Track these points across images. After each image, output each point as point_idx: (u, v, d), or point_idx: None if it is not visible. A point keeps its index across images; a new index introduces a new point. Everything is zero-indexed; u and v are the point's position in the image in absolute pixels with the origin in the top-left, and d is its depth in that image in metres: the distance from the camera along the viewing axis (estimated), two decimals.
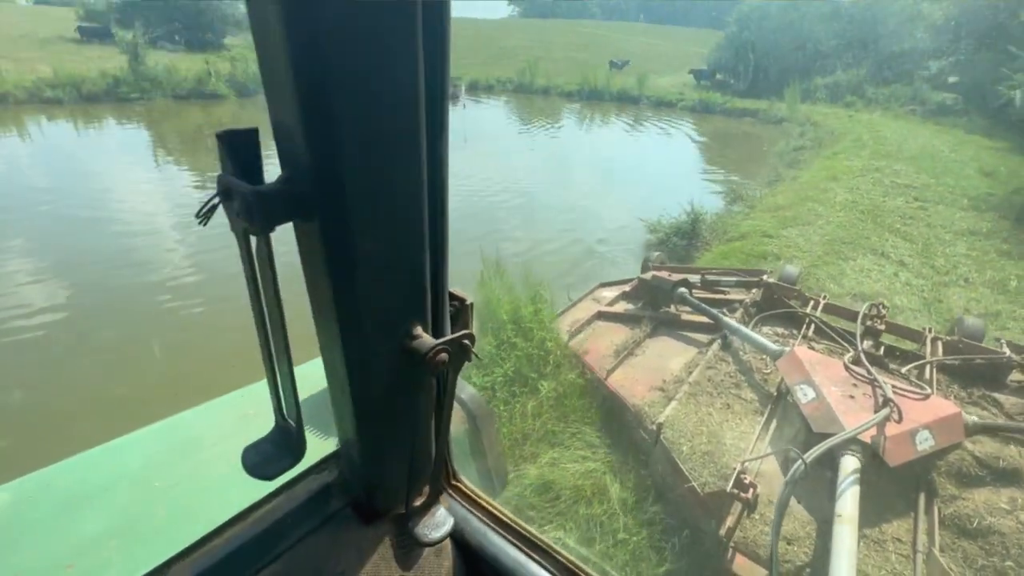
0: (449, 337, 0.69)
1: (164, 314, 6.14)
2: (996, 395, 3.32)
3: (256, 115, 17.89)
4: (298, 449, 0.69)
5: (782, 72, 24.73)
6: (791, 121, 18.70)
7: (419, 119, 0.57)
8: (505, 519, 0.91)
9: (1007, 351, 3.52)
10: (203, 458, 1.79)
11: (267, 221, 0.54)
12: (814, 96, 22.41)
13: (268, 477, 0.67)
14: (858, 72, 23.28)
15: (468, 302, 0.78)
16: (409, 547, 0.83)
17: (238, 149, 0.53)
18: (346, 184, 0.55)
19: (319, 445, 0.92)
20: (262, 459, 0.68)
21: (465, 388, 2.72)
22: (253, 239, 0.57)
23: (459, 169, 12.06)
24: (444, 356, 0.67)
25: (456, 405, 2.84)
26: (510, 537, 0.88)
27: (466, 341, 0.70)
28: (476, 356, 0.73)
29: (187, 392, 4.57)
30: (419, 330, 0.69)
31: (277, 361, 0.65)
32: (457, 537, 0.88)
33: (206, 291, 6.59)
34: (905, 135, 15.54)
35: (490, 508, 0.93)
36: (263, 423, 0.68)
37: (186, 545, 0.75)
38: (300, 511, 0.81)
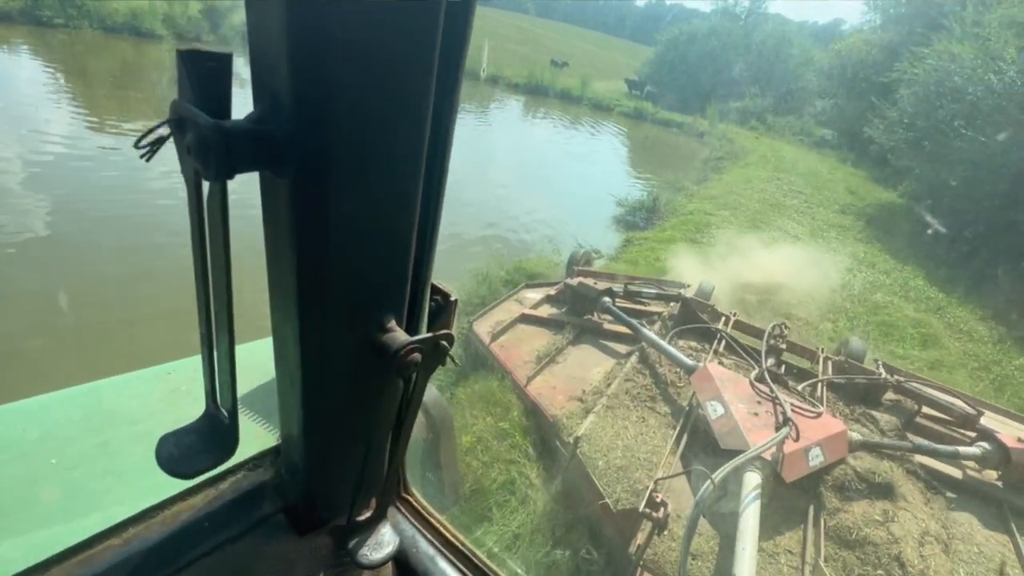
0: (425, 335, 0.57)
1: None
2: (873, 412, 3.52)
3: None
4: (228, 444, 0.57)
5: (703, 92, 26.23)
6: (711, 135, 20.45)
7: (430, 81, 0.47)
8: (457, 543, 0.78)
9: (882, 372, 3.75)
10: (117, 436, 1.44)
11: (226, 165, 0.42)
12: (727, 117, 24.04)
13: (186, 475, 0.56)
14: (763, 102, 25.32)
15: (452, 298, 0.66)
16: (345, 566, 0.71)
17: (203, 74, 0.41)
18: (334, 135, 0.44)
19: (260, 436, 0.74)
20: (181, 452, 0.55)
21: (429, 390, 2.33)
22: (206, 185, 0.45)
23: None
24: (416, 356, 0.56)
25: None
26: (460, 565, 0.75)
27: (443, 342, 0.58)
28: (452, 360, 0.61)
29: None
30: (392, 323, 0.58)
31: (217, 337, 0.54)
32: (401, 559, 0.75)
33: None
34: (797, 157, 18.51)
35: (441, 529, 0.79)
36: (197, 404, 0.57)
37: (77, 541, 0.60)
38: (224, 511, 0.68)
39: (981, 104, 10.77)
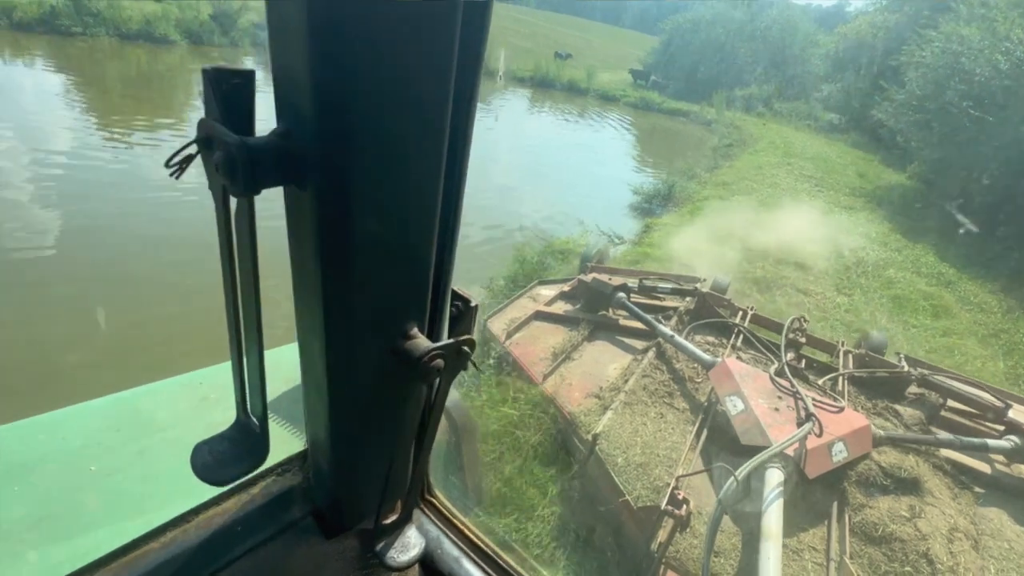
0: (447, 341, 0.57)
1: None
2: (896, 406, 3.38)
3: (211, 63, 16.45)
4: (259, 452, 0.57)
5: (708, 81, 25.57)
6: (718, 123, 19.99)
7: (448, 88, 0.46)
8: (481, 544, 0.77)
9: (904, 365, 3.60)
10: (151, 443, 1.49)
11: (252, 181, 0.42)
12: (733, 105, 23.44)
13: (220, 482, 0.56)
14: (768, 88, 24.61)
15: (473, 304, 0.66)
16: (373, 569, 0.71)
17: (228, 91, 0.41)
18: (356, 149, 0.43)
19: (287, 441, 0.72)
20: (215, 460, 0.55)
21: (450, 395, 2.31)
22: (233, 200, 0.46)
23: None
24: (439, 362, 0.55)
25: None
26: (485, 566, 0.75)
27: (465, 348, 0.58)
28: (475, 365, 0.61)
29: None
30: (415, 330, 0.58)
31: (246, 348, 0.54)
32: (427, 561, 0.74)
33: None
34: (805, 142, 18.07)
35: (465, 530, 0.79)
36: (225, 411, 0.57)
37: (118, 545, 0.61)
38: (255, 515, 0.69)
39: (989, 85, 10.68)
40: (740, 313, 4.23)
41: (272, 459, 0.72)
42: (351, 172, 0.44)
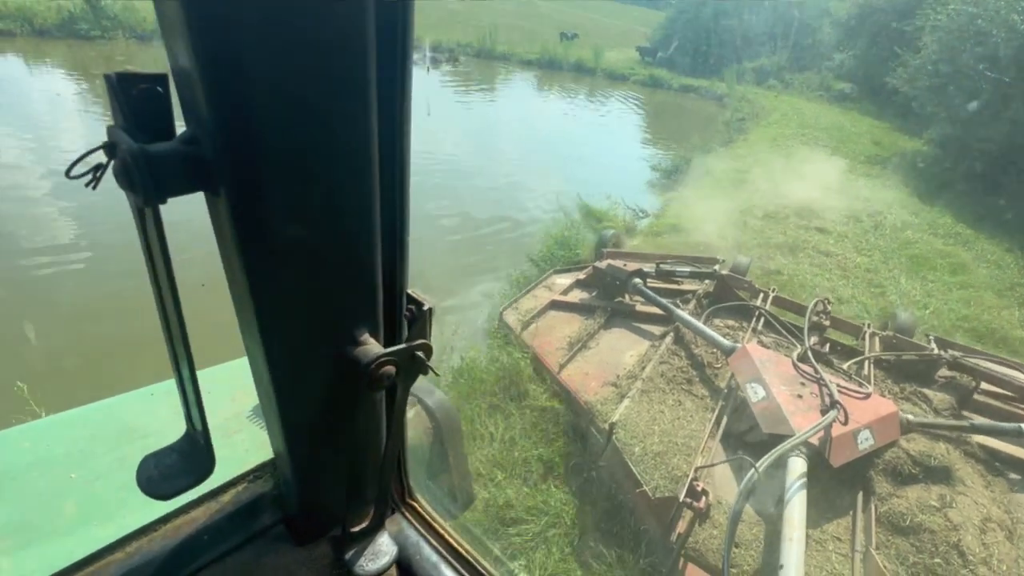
0: (399, 347, 0.54)
1: None
2: (926, 391, 3.17)
3: None
4: (204, 465, 0.54)
5: (718, 55, 24.51)
6: (730, 98, 19.24)
7: (367, 77, 0.43)
8: (461, 550, 0.75)
9: (934, 346, 3.37)
10: (132, 450, 1.46)
11: (155, 190, 0.39)
12: (744, 78, 22.44)
13: (164, 496, 0.52)
14: (779, 59, 23.48)
15: (427, 307, 0.61)
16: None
17: (135, 97, 0.38)
18: (263, 150, 0.41)
19: (264, 445, 0.69)
20: (161, 473, 0.52)
21: (433, 393, 2.23)
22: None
23: None
24: (391, 369, 0.53)
25: (421, 412, 2.36)
26: (463, 571, 0.72)
27: (420, 353, 0.55)
28: (432, 370, 0.57)
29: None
30: (366, 336, 0.55)
31: (179, 359, 0.50)
32: (404, 565, 0.72)
33: None
34: (818, 113, 17.42)
35: (445, 535, 0.76)
36: (214, 414, 0.56)
37: (88, 553, 0.58)
38: (224, 523, 0.66)
39: (1005, 46, 10.15)
40: (761, 295, 4.00)
41: (246, 465, 0.71)
42: (262, 174, 0.41)
